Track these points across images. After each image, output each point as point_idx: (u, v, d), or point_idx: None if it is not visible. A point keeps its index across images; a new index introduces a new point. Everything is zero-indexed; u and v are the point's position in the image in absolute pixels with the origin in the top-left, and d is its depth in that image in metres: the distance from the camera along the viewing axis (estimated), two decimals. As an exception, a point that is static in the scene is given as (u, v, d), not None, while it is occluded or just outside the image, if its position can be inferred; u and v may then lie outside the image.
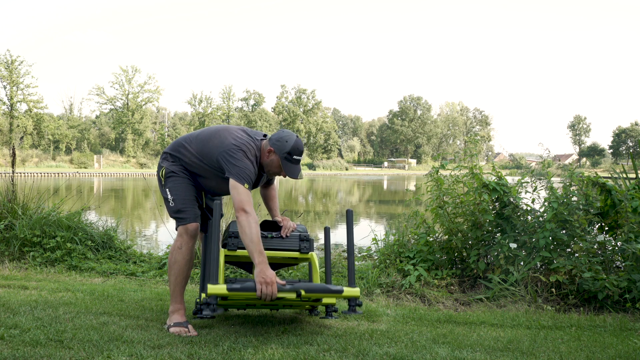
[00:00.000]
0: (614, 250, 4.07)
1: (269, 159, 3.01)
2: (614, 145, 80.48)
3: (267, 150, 3.00)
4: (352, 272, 2.96)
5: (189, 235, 3.02)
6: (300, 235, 3.11)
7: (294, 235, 3.11)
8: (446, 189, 4.52)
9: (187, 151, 3.09)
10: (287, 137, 2.97)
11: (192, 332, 2.87)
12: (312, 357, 2.50)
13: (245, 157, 2.92)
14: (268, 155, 3.01)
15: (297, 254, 3.10)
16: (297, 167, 2.99)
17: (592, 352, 2.77)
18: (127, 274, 4.70)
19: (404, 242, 4.65)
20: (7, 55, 53.65)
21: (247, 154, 2.94)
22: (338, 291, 2.81)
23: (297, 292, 2.69)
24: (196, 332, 2.89)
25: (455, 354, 2.64)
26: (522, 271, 3.98)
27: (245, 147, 2.96)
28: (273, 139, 2.99)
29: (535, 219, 4.17)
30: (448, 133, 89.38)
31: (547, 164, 4.49)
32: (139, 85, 60.77)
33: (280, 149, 2.95)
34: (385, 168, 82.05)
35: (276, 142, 2.97)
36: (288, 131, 3.03)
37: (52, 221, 5.15)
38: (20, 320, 2.92)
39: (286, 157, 2.94)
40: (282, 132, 3.02)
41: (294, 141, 2.96)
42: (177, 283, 3.03)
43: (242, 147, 2.95)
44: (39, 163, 47.86)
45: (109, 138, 65.95)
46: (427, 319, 3.45)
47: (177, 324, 2.92)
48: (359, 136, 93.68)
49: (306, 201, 20.61)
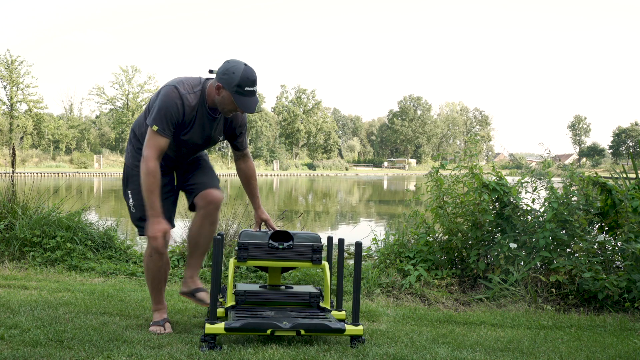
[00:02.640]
0: (614, 250, 4.07)
1: (220, 95, 2.69)
2: (614, 145, 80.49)
3: (216, 87, 2.69)
4: (357, 308, 2.78)
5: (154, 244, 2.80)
6: (312, 246, 3.06)
7: (306, 246, 3.05)
8: (446, 189, 4.52)
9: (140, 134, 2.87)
10: (233, 69, 2.64)
11: (167, 330, 2.89)
12: (312, 357, 2.49)
13: (169, 96, 2.66)
14: (218, 92, 2.70)
15: (309, 265, 3.07)
16: (252, 99, 2.68)
17: (592, 352, 2.77)
18: (127, 274, 4.70)
19: (404, 242, 4.65)
20: (7, 55, 53.66)
21: (172, 92, 2.67)
22: (340, 330, 2.70)
23: (297, 332, 2.67)
24: (171, 329, 2.91)
25: (455, 354, 2.64)
26: (522, 271, 3.98)
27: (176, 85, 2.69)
28: (219, 74, 2.68)
29: (535, 219, 4.17)
30: (448, 133, 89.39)
31: (547, 164, 4.49)
32: (139, 85, 60.74)
33: (228, 82, 2.64)
34: (385, 168, 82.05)
35: (223, 76, 2.65)
36: (235, 60, 2.69)
37: (52, 221, 5.15)
38: (20, 320, 2.92)
39: (237, 91, 2.63)
40: (229, 62, 2.68)
41: (241, 71, 2.63)
42: (153, 287, 2.99)
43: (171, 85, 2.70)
44: (39, 163, 47.83)
45: (109, 138, 65.95)
46: (427, 319, 3.45)
47: (155, 323, 2.94)
48: (359, 136, 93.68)
49: (306, 201, 20.60)
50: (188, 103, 2.72)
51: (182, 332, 2.89)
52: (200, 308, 3.42)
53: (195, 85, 2.75)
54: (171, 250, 5.00)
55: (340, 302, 3.08)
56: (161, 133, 2.68)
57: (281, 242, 3.07)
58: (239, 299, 3.03)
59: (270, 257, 3.05)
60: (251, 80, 2.64)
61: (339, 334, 2.73)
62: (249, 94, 2.65)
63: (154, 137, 2.68)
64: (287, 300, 3.08)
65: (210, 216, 2.92)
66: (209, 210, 2.91)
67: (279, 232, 3.10)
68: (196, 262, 3.02)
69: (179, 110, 2.70)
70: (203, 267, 4.53)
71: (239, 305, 3.03)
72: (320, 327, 2.70)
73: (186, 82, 2.75)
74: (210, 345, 2.58)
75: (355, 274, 2.78)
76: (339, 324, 2.74)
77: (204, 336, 2.59)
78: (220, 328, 2.60)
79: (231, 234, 4.99)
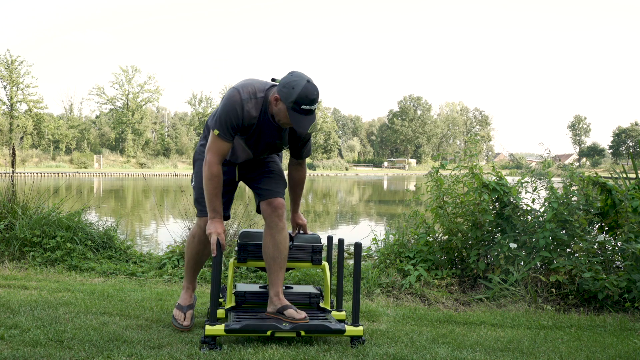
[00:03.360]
0: (614, 250, 4.07)
1: (277, 107, 2.60)
2: (614, 145, 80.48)
3: (274, 97, 2.60)
4: (356, 309, 2.77)
5: (201, 229, 2.93)
6: (313, 247, 3.07)
7: (306, 247, 3.06)
8: (446, 189, 4.52)
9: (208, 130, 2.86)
10: (294, 83, 2.52)
11: (186, 323, 2.91)
12: (312, 357, 2.49)
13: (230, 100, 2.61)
14: (275, 104, 2.60)
15: (309, 265, 3.08)
16: (307, 118, 2.53)
17: (592, 352, 2.77)
18: (127, 274, 4.70)
19: (404, 242, 4.65)
20: (7, 55, 53.76)
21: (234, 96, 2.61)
22: (340, 331, 2.70)
23: (297, 333, 2.67)
24: (190, 323, 2.91)
25: (455, 354, 2.64)
26: (522, 271, 3.98)
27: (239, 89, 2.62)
28: (280, 85, 2.57)
29: (535, 219, 4.17)
30: (448, 133, 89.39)
31: (547, 164, 4.49)
32: (139, 85, 60.75)
33: (286, 96, 2.53)
34: (385, 168, 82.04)
35: (282, 89, 2.54)
36: (299, 74, 2.56)
37: (52, 221, 5.15)
38: (20, 320, 2.92)
39: (293, 107, 2.52)
40: (292, 75, 2.56)
41: (301, 88, 2.50)
42: (188, 266, 3.08)
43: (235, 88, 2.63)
44: (39, 163, 47.85)
45: (109, 138, 65.93)
46: (427, 319, 3.45)
47: (179, 307, 2.99)
48: (359, 136, 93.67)
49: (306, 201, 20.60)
50: (247, 109, 2.64)
51: (182, 332, 2.89)
52: (201, 308, 3.42)
53: (259, 91, 2.66)
54: (171, 251, 5.00)
55: (340, 302, 3.08)
56: (222, 137, 2.64)
57: None
58: (239, 300, 3.03)
59: None
60: (310, 99, 2.51)
61: (340, 335, 2.73)
62: (305, 112, 2.53)
63: (216, 141, 2.65)
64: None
65: (275, 225, 2.85)
66: (273, 219, 2.85)
67: None
68: (276, 278, 2.85)
69: (239, 115, 2.63)
70: (204, 266, 4.53)
71: (239, 307, 3.03)
72: (320, 328, 2.70)
73: (251, 86, 2.66)
74: (210, 347, 2.58)
75: (355, 275, 2.78)
76: (339, 324, 2.74)
77: (204, 337, 2.59)
78: (220, 329, 2.60)
79: (231, 234, 4.99)
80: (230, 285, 3.04)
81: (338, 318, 3.00)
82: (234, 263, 3.03)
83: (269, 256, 2.87)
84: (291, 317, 2.73)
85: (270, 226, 2.86)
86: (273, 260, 2.86)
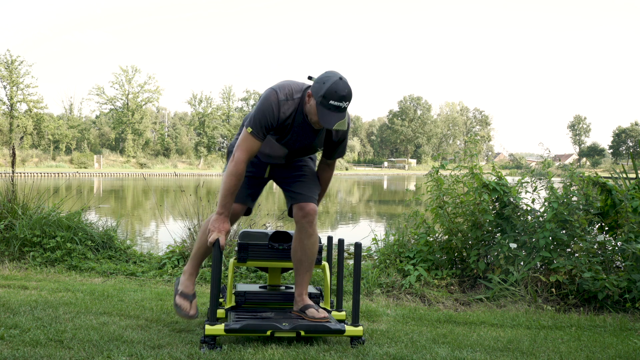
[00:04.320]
0: (614, 250, 4.07)
1: (309, 104, 2.58)
2: (614, 145, 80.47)
3: (308, 94, 2.59)
4: (356, 309, 2.77)
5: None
6: None
7: None
8: (446, 189, 4.52)
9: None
10: (325, 79, 2.51)
11: (192, 312, 2.84)
12: (312, 357, 2.49)
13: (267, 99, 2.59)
14: (308, 100, 2.59)
15: None
16: (335, 114, 2.51)
17: (592, 352, 2.77)
18: (127, 274, 4.70)
19: (404, 242, 4.65)
20: (7, 55, 53.73)
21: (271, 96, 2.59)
22: (339, 331, 2.69)
23: (296, 333, 2.67)
24: (195, 312, 2.85)
25: (455, 354, 2.64)
26: (522, 271, 3.98)
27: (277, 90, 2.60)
28: (315, 81, 2.57)
29: (535, 219, 4.17)
30: (448, 133, 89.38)
31: (547, 164, 4.49)
32: (139, 85, 60.73)
33: (316, 91, 2.51)
34: (385, 168, 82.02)
35: (315, 84, 2.54)
36: (333, 72, 2.56)
37: (52, 221, 5.15)
38: (20, 320, 2.92)
39: (321, 102, 2.49)
40: (326, 72, 2.57)
41: (332, 83, 2.48)
42: (198, 254, 2.95)
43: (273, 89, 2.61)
44: (39, 163, 47.83)
45: (109, 138, 65.94)
46: (427, 319, 3.45)
47: (183, 295, 2.87)
48: (359, 136, 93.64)
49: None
50: (284, 110, 2.63)
51: (182, 332, 2.89)
52: (201, 308, 3.42)
53: (297, 92, 2.65)
54: (171, 251, 5.00)
55: (340, 302, 3.08)
56: (254, 136, 2.62)
57: (281, 242, 3.06)
58: (239, 300, 3.02)
59: (270, 257, 3.05)
60: (339, 95, 2.48)
61: (339, 335, 2.73)
62: (333, 108, 2.50)
63: (247, 139, 2.62)
64: (287, 300, 3.07)
65: (305, 230, 2.83)
66: (303, 225, 2.83)
67: (279, 233, 3.10)
68: (302, 279, 2.88)
69: (275, 115, 2.62)
70: (203, 267, 4.53)
71: (238, 306, 3.02)
72: (320, 329, 2.70)
73: (288, 87, 2.65)
74: (210, 346, 2.58)
75: (355, 275, 2.78)
76: (338, 325, 2.73)
77: (204, 337, 2.59)
78: (220, 329, 2.60)
79: (231, 234, 4.99)
80: (230, 285, 3.04)
81: (338, 318, 3.00)
82: (234, 263, 3.03)
83: (297, 259, 2.89)
84: (312, 316, 2.78)
85: (300, 230, 2.85)
86: (300, 263, 2.88)
